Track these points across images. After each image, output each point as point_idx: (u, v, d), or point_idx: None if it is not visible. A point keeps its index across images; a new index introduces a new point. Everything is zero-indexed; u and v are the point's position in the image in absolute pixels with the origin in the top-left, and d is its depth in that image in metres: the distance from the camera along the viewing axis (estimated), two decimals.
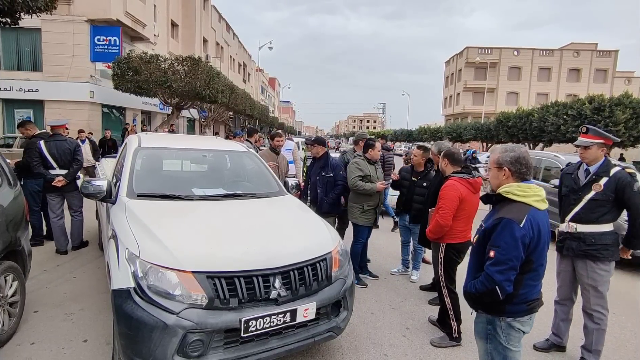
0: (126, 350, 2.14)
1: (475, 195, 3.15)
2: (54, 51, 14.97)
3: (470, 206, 3.11)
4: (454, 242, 3.17)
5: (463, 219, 3.12)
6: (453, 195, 3.05)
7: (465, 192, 3.08)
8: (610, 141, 2.83)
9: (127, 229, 2.49)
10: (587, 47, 47.93)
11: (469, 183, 3.11)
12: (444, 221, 3.06)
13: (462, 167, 3.25)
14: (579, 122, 20.05)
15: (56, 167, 4.75)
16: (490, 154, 2.00)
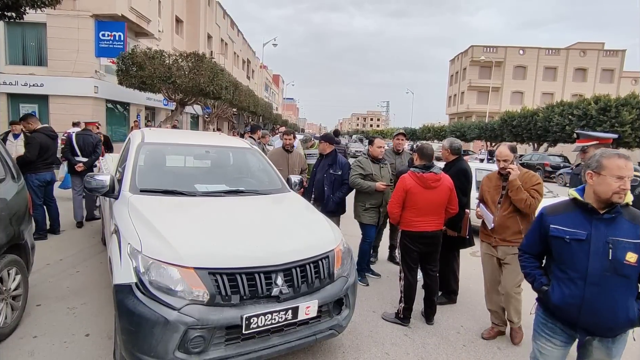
0: (128, 345, 2.14)
1: (427, 190, 3.27)
2: (59, 46, 14.99)
3: (421, 198, 3.26)
4: (407, 230, 3.37)
5: (413, 210, 3.30)
6: (399, 187, 3.37)
7: (411, 185, 3.28)
8: (606, 140, 2.80)
9: (130, 224, 2.49)
10: (594, 47, 47.54)
11: (417, 177, 3.29)
12: (390, 208, 3.45)
13: (426, 163, 3.39)
14: (585, 123, 19.92)
15: (80, 155, 5.79)
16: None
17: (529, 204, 2.95)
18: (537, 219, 2.04)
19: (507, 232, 3.08)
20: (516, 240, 3.00)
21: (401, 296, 3.43)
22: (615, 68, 46.95)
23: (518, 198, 2.97)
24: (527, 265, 2.09)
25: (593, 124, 19.43)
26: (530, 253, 2.09)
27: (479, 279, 4.64)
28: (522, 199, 2.95)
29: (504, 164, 3.05)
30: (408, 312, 3.42)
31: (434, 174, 3.29)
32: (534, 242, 2.05)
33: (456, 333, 3.37)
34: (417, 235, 3.32)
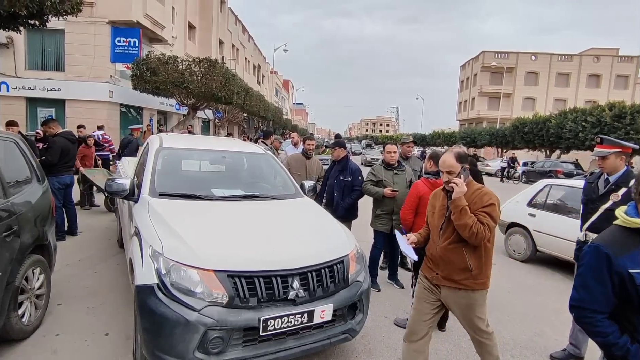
0: (149, 344, 2.20)
1: None
2: (76, 52, 15.39)
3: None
4: None
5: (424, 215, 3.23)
6: (412, 193, 3.45)
7: (425, 191, 3.35)
8: (628, 149, 2.79)
9: (151, 227, 2.57)
10: (608, 53, 46.90)
11: (431, 184, 3.38)
12: (403, 214, 3.51)
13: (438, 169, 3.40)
14: (599, 129, 19.63)
15: None
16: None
17: (474, 232, 2.15)
18: (600, 263, 1.43)
19: (451, 268, 2.32)
20: (464, 281, 2.29)
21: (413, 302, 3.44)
22: (630, 74, 46.20)
23: (461, 223, 2.18)
24: (609, 331, 1.44)
25: (607, 130, 19.14)
26: (604, 312, 1.45)
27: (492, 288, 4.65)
28: (465, 224, 2.16)
29: (447, 176, 2.27)
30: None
31: None
32: (606, 296, 1.43)
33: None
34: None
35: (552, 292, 4.61)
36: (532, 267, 5.60)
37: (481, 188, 2.32)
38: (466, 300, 2.34)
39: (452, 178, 2.24)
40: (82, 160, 6.99)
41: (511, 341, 3.39)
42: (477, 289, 2.34)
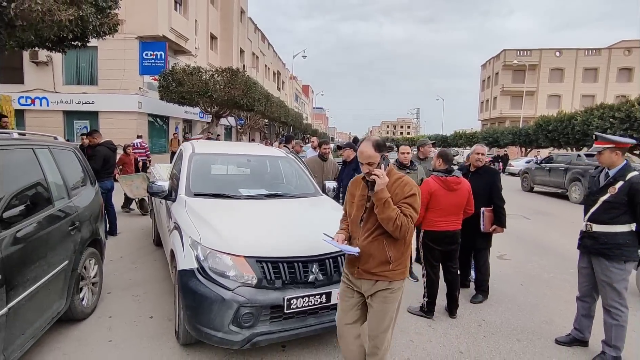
0: (191, 319, 2.59)
1: (449, 192, 3.57)
2: (108, 67, 16.41)
3: (444, 200, 3.56)
4: (429, 230, 3.63)
5: (436, 210, 3.57)
6: (423, 190, 3.54)
7: (435, 188, 3.56)
8: (622, 144, 2.96)
9: (189, 221, 2.98)
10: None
11: (441, 181, 3.58)
12: None
13: (448, 167, 3.69)
14: (628, 125, 19.03)
15: None
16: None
17: (398, 224, 2.05)
18: None
19: (371, 262, 2.19)
20: (382, 273, 2.19)
21: (424, 292, 3.73)
22: None
23: (385, 216, 2.07)
24: None
25: (638, 126, 18.53)
26: None
27: (503, 279, 4.85)
28: (389, 217, 2.05)
29: (367, 167, 2.15)
30: (431, 306, 3.69)
31: (456, 177, 3.60)
32: None
33: (477, 326, 3.61)
34: (439, 234, 3.61)
35: (565, 285, 4.74)
36: (548, 262, 5.72)
37: (402, 177, 2.23)
38: (383, 290, 2.23)
39: (372, 169, 2.10)
40: (124, 167, 7.65)
41: (519, 327, 3.59)
42: (396, 279, 2.24)
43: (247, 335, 2.51)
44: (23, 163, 2.64)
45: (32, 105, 16.34)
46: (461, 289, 4.38)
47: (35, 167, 2.75)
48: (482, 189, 4.07)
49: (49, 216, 2.75)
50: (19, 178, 2.56)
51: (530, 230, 8.01)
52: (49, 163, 2.96)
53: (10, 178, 2.43)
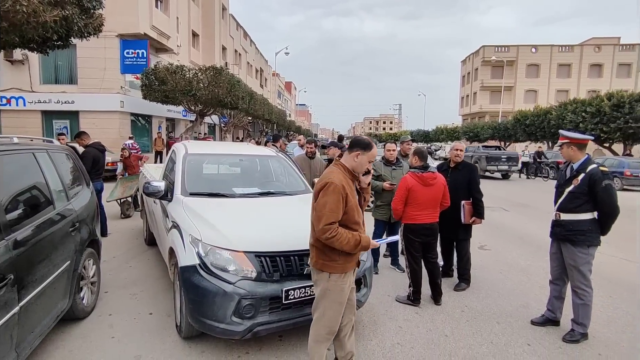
0: (194, 313, 2.74)
1: (426, 187, 3.81)
2: (88, 65, 16.08)
3: (421, 195, 3.80)
4: (409, 223, 3.88)
5: (414, 205, 3.82)
6: (402, 186, 3.84)
7: (413, 184, 3.80)
8: (578, 140, 3.26)
9: (188, 220, 3.11)
10: (609, 42, 46.89)
11: (418, 177, 3.81)
12: (394, 205, 3.92)
13: (424, 164, 3.94)
14: (598, 120, 19.93)
15: None
16: None
17: None
18: None
19: None
20: None
21: (409, 282, 3.96)
22: (632, 62, 46.10)
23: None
24: None
25: (607, 120, 19.44)
26: None
27: (483, 268, 5.15)
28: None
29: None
30: (417, 294, 3.93)
31: (432, 173, 3.87)
32: None
33: (461, 311, 3.87)
34: (419, 227, 3.85)
35: (540, 271, 5.07)
36: (525, 251, 6.07)
37: None
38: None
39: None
40: (128, 169, 7.67)
41: (498, 311, 3.87)
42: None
43: (249, 325, 2.68)
44: (25, 167, 2.72)
45: (7, 105, 15.90)
46: (445, 278, 4.67)
47: (36, 170, 2.83)
48: (461, 183, 4.33)
49: (52, 217, 2.83)
50: (23, 181, 2.64)
51: (509, 221, 8.41)
52: (48, 166, 3.04)
53: (14, 182, 2.52)
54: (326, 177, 2.28)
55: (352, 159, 2.38)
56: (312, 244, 2.37)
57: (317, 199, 2.25)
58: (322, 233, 2.19)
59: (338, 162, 2.43)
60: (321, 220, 2.19)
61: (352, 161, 2.38)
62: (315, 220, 2.25)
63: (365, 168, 2.44)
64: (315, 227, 2.24)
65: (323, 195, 2.22)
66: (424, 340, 3.26)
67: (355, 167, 2.38)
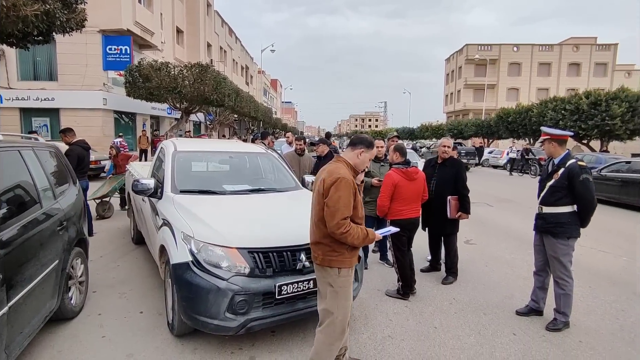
0: (187, 310, 2.74)
1: (410, 181, 3.92)
2: (68, 61, 15.67)
3: (406, 189, 3.91)
4: (396, 219, 3.93)
5: (400, 200, 3.91)
6: (387, 182, 3.90)
7: (398, 179, 3.88)
8: (558, 136, 3.39)
9: (179, 217, 3.10)
10: (587, 42, 48.23)
11: (403, 172, 3.91)
12: (380, 201, 3.93)
13: (405, 159, 4.05)
14: (577, 117, 20.52)
15: None
16: None
17: None
18: None
19: None
20: None
21: (398, 276, 4.04)
22: (608, 62, 47.60)
23: None
24: None
25: (585, 118, 20.03)
26: None
27: (470, 262, 5.28)
28: None
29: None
30: (406, 288, 4.01)
31: (415, 168, 3.99)
32: None
33: (449, 304, 3.97)
34: (406, 221, 3.93)
35: (524, 264, 5.23)
36: (509, 244, 6.24)
37: None
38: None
39: None
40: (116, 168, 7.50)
41: (485, 303, 3.99)
42: None
43: (242, 321, 2.69)
44: (11, 165, 2.66)
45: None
46: (433, 272, 4.78)
47: (23, 169, 2.77)
48: (448, 178, 4.43)
49: (40, 216, 2.78)
50: (9, 180, 2.59)
51: (493, 216, 8.61)
52: (34, 164, 2.98)
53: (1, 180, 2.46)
54: (336, 173, 2.27)
55: (356, 156, 2.42)
56: (318, 242, 2.35)
57: (330, 194, 2.21)
58: (337, 228, 2.19)
59: (341, 158, 2.45)
60: (336, 215, 2.18)
61: (356, 158, 2.42)
62: (328, 216, 2.21)
63: (366, 165, 2.51)
64: (329, 222, 2.21)
65: (336, 190, 2.21)
66: (414, 333, 3.34)
67: (358, 164, 2.43)
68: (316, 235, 2.36)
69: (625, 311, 3.88)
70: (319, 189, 2.31)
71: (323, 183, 2.28)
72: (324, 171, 2.38)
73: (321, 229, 2.31)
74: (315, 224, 2.35)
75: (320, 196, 2.29)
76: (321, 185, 2.29)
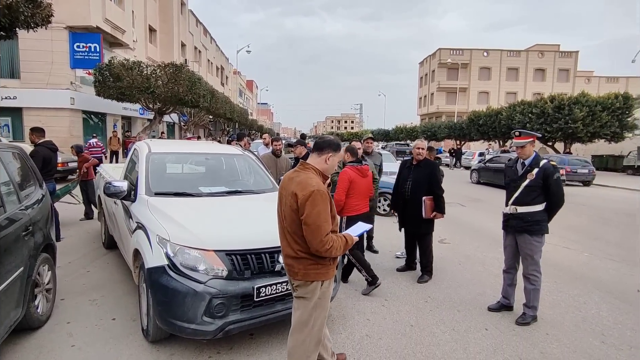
0: (163, 314, 2.68)
1: (363, 178, 4.20)
2: (32, 58, 14.94)
3: (359, 185, 4.18)
4: (352, 215, 4.10)
5: (355, 195, 4.14)
6: (344, 178, 4.11)
7: (354, 176, 4.13)
8: (535, 137, 3.58)
9: (154, 220, 3.03)
10: (551, 49, 50.65)
11: (357, 169, 4.18)
12: (337, 196, 4.08)
13: (356, 158, 4.35)
14: (543, 120, 21.49)
15: None
16: None
17: None
18: None
19: None
20: None
21: (359, 267, 4.16)
22: (570, 68, 50.20)
23: None
24: None
25: (550, 121, 21.02)
26: None
27: (444, 260, 5.42)
28: None
29: None
30: (370, 273, 4.13)
31: (366, 165, 4.31)
32: None
33: (424, 302, 4.06)
34: (361, 216, 4.03)
35: (495, 262, 5.42)
36: (481, 243, 6.46)
37: None
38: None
39: None
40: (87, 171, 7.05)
41: (458, 300, 4.11)
42: None
43: (220, 324, 2.66)
44: None
45: None
46: (408, 271, 4.88)
47: None
48: (423, 179, 4.54)
49: (3, 221, 2.65)
50: None
51: (465, 216, 8.88)
52: None
53: None
54: (308, 185, 2.09)
55: (324, 161, 2.26)
56: (296, 256, 2.19)
57: (307, 211, 2.04)
58: (322, 245, 2.06)
59: (309, 165, 2.26)
60: (318, 233, 2.05)
61: (324, 163, 2.26)
62: (310, 235, 2.06)
63: (335, 169, 2.43)
64: (312, 242, 2.07)
65: (313, 205, 2.04)
66: (391, 331, 3.40)
67: (327, 170, 2.28)
68: (293, 250, 2.19)
69: (587, 304, 4.10)
70: (290, 204, 2.12)
71: (296, 198, 2.09)
72: (292, 181, 2.18)
73: (299, 243, 2.16)
74: (291, 238, 2.19)
75: (294, 212, 2.12)
76: (293, 200, 2.11)
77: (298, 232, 2.14)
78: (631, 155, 22.35)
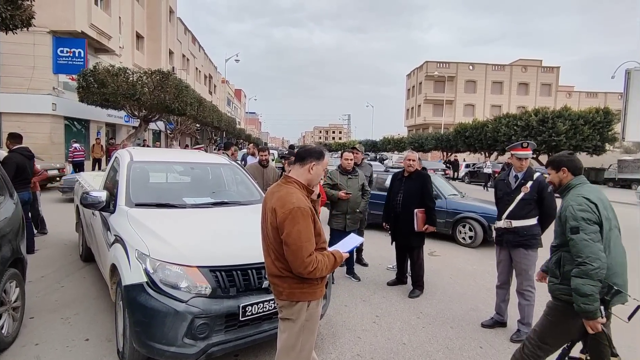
0: (141, 336, 2.48)
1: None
2: (12, 62, 14.50)
3: None
4: None
5: None
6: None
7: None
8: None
9: (133, 233, 2.83)
10: (533, 64, 52.14)
11: None
12: None
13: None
14: (527, 133, 21.92)
15: None
16: None
17: None
18: None
19: None
20: None
21: None
22: (552, 83, 51.71)
23: None
24: None
25: (534, 133, 21.47)
26: None
27: (435, 274, 5.32)
28: None
29: None
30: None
31: None
32: None
33: (417, 318, 3.93)
34: None
35: (486, 275, 5.36)
36: (472, 256, 6.40)
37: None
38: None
39: None
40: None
41: (451, 316, 4.00)
42: None
43: (202, 346, 2.47)
44: None
45: None
46: (399, 285, 4.76)
47: None
48: (414, 191, 4.45)
49: None
50: None
51: None
52: None
53: None
54: (288, 202, 1.92)
55: (307, 171, 2.09)
56: (280, 275, 2.02)
57: (286, 230, 1.89)
58: (304, 268, 1.89)
59: (291, 179, 2.09)
60: (300, 254, 1.88)
61: (307, 174, 2.09)
62: (290, 256, 1.91)
63: (320, 178, 2.26)
64: (293, 263, 1.92)
65: (293, 224, 1.88)
66: (383, 350, 3.25)
67: (311, 180, 2.12)
68: (277, 268, 2.02)
69: None
70: (271, 221, 1.97)
71: (275, 214, 1.94)
72: (272, 196, 2.03)
73: (282, 262, 2.00)
74: (274, 256, 2.03)
75: (274, 229, 1.96)
76: (273, 217, 1.95)
77: (280, 250, 1.98)
78: (612, 168, 22.94)
